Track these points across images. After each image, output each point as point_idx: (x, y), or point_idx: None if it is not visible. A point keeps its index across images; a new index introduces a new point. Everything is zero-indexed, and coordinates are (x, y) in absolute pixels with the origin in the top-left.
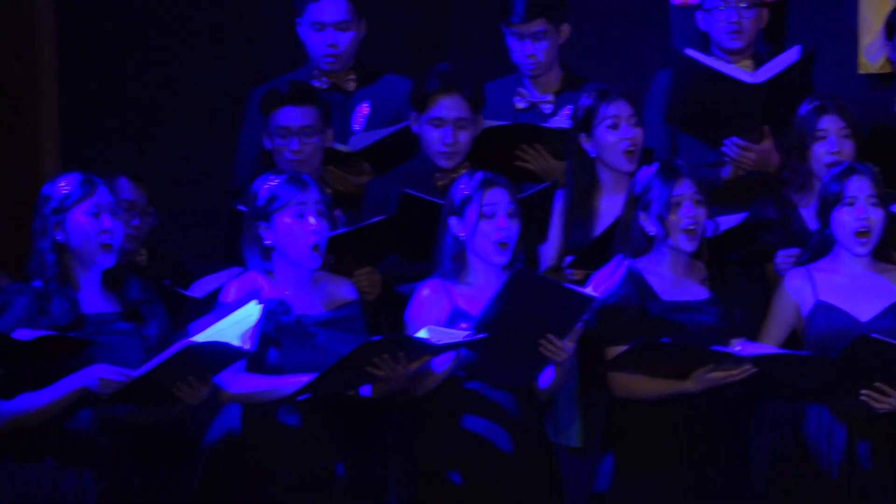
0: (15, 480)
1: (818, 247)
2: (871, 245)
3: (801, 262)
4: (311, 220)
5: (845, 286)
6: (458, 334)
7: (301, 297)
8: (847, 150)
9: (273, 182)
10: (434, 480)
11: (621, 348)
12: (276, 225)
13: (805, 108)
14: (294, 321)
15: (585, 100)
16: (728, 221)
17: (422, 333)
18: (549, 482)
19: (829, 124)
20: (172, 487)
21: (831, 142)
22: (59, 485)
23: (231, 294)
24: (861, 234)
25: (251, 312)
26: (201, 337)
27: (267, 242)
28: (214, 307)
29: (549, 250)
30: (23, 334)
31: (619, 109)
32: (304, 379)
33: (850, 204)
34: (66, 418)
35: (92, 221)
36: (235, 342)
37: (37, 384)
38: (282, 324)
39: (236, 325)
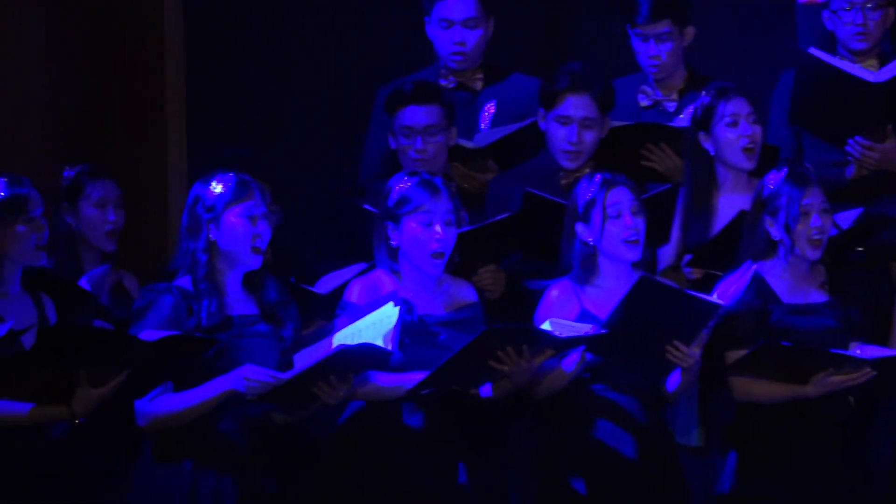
0: (155, 482)
1: None
2: None
3: None
4: (438, 228)
5: None
6: (581, 328)
7: (424, 298)
8: None
9: (406, 184)
10: (556, 485)
11: (742, 352)
12: (402, 228)
13: None
14: (416, 321)
15: (704, 98)
16: (845, 219)
17: (545, 326)
18: (674, 486)
19: None
20: (304, 489)
21: None
22: (199, 487)
23: (354, 293)
24: None
25: (389, 314)
26: (338, 337)
27: (393, 243)
28: (341, 306)
29: (668, 249)
30: (148, 335)
31: (737, 107)
32: (420, 375)
33: None
34: (208, 419)
35: (246, 224)
36: (379, 342)
37: (177, 384)
38: (405, 323)
39: (374, 327)
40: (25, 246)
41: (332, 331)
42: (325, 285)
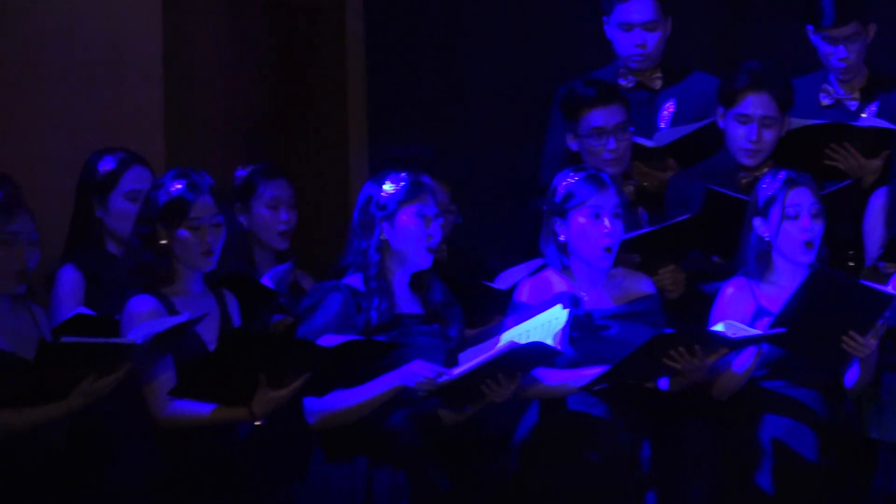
0: (329, 481)
1: None
2: None
3: None
4: (606, 222)
5: None
6: (755, 331)
7: (594, 293)
8: None
9: (572, 179)
10: (738, 484)
11: None
12: (570, 222)
13: None
14: (584, 315)
15: None
16: None
17: (718, 327)
18: (858, 482)
19: None
20: (478, 486)
21: None
22: (375, 484)
23: (524, 293)
24: None
25: (558, 315)
26: (506, 338)
27: (561, 238)
28: (511, 306)
29: (873, 248)
30: (328, 340)
31: None
32: (598, 370)
33: None
34: (380, 416)
35: (420, 224)
36: (549, 342)
37: (349, 383)
38: (574, 318)
39: (542, 328)
40: (189, 251)
41: (498, 331)
42: (504, 281)
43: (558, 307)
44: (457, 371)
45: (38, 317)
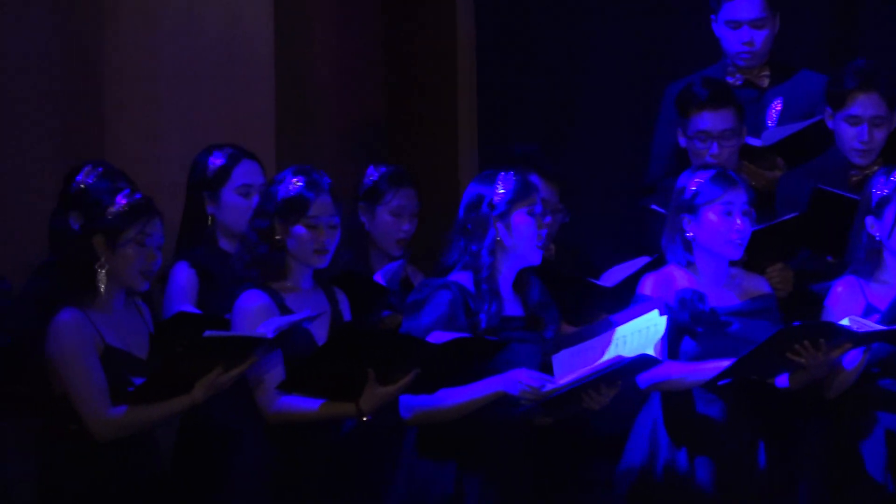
0: (419, 476)
1: None
2: None
3: None
4: (738, 220)
5: None
6: (879, 326)
7: (716, 290)
8: None
9: (702, 177)
10: (849, 482)
11: None
12: (701, 219)
13: None
14: (708, 311)
15: None
16: None
17: (843, 322)
18: None
19: None
20: (583, 486)
21: None
22: (464, 485)
23: (648, 286)
24: None
25: (656, 322)
26: (605, 339)
27: (689, 235)
28: (634, 299)
29: None
30: (437, 337)
31: None
32: (723, 364)
33: None
34: (473, 417)
35: (532, 223)
36: (648, 351)
37: (454, 381)
38: (697, 313)
39: (639, 335)
40: (303, 248)
41: (591, 333)
42: (609, 279)
43: (655, 313)
44: (562, 381)
45: (145, 315)
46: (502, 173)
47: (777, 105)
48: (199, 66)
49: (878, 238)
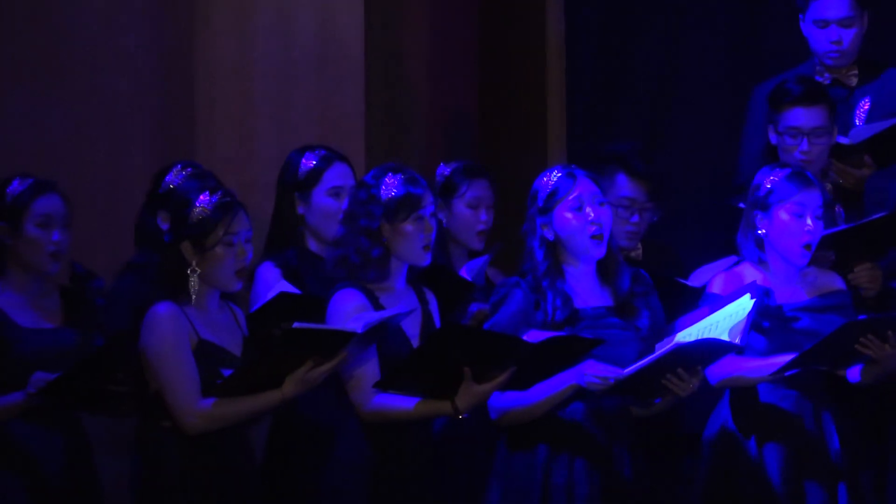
0: (511, 469)
1: None
2: None
3: None
4: (809, 221)
5: None
6: None
7: (787, 288)
8: None
9: (777, 176)
10: None
11: None
12: (773, 217)
13: None
14: (775, 306)
15: None
16: None
17: None
18: None
19: None
20: (670, 480)
21: None
22: (552, 473)
23: (718, 285)
24: None
25: (744, 306)
26: (695, 329)
27: (760, 232)
28: (704, 298)
29: None
30: (533, 336)
31: None
32: (787, 357)
33: None
34: (563, 407)
35: (577, 216)
36: (725, 336)
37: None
38: (763, 308)
39: (728, 318)
40: (413, 245)
41: (688, 322)
42: (698, 278)
43: (746, 297)
44: (628, 370)
45: (239, 317)
46: (547, 172)
47: (865, 104)
48: (291, 66)
49: None
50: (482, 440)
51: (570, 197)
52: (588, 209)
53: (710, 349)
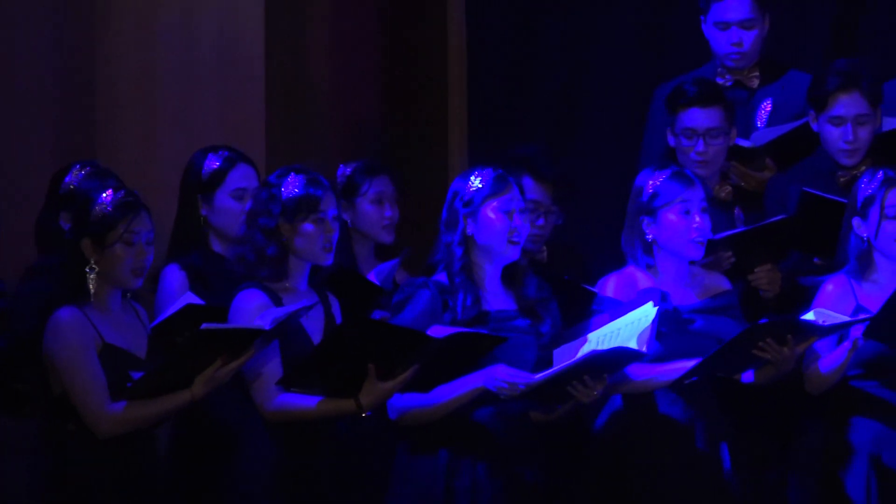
0: (411, 472)
1: None
2: None
3: None
4: (697, 217)
5: None
6: (845, 317)
7: (678, 290)
8: None
9: (658, 178)
10: (831, 482)
11: None
12: (660, 221)
13: None
14: (672, 310)
15: None
16: None
17: (808, 316)
18: None
19: None
20: (571, 482)
21: None
22: (455, 477)
23: (610, 287)
24: None
25: (647, 313)
26: (595, 336)
27: (649, 237)
28: (597, 301)
29: None
30: (437, 331)
31: None
32: (690, 363)
33: None
34: (465, 410)
35: (503, 219)
36: (632, 343)
37: (449, 380)
38: (662, 312)
39: (631, 325)
40: (313, 246)
41: (589, 327)
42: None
43: (649, 305)
44: (539, 377)
45: (142, 316)
46: (477, 170)
47: (766, 106)
48: (193, 68)
49: (865, 238)
50: (387, 439)
51: (499, 199)
52: (513, 214)
53: (621, 357)
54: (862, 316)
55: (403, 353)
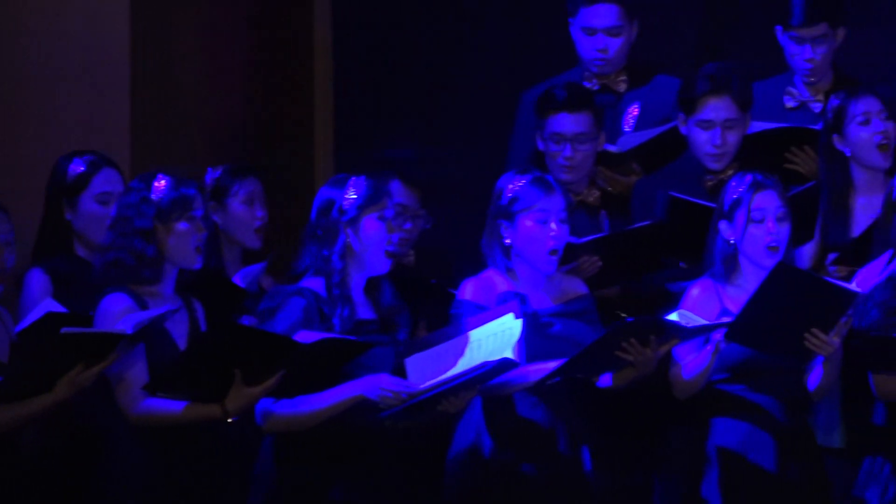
0: (278, 482)
1: None
2: None
3: None
4: (553, 226)
5: None
6: (705, 320)
7: (536, 294)
8: None
9: (519, 182)
10: (696, 486)
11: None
12: (517, 226)
13: None
14: (531, 314)
15: (834, 100)
16: None
17: (672, 317)
18: (816, 489)
19: None
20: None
21: None
22: (330, 492)
23: (468, 292)
24: None
25: (511, 326)
26: (459, 345)
27: (507, 241)
28: (455, 305)
29: (808, 250)
30: (304, 337)
31: (868, 105)
32: (551, 365)
33: None
34: (335, 423)
35: (382, 229)
36: (508, 354)
37: (315, 386)
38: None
39: (495, 338)
40: (185, 246)
41: (445, 336)
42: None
43: (510, 316)
44: (424, 386)
45: (5, 319)
46: (353, 178)
47: (633, 110)
48: (57, 70)
49: (731, 241)
50: (254, 444)
51: (377, 209)
52: (390, 223)
53: (501, 369)
54: (725, 319)
55: (270, 359)
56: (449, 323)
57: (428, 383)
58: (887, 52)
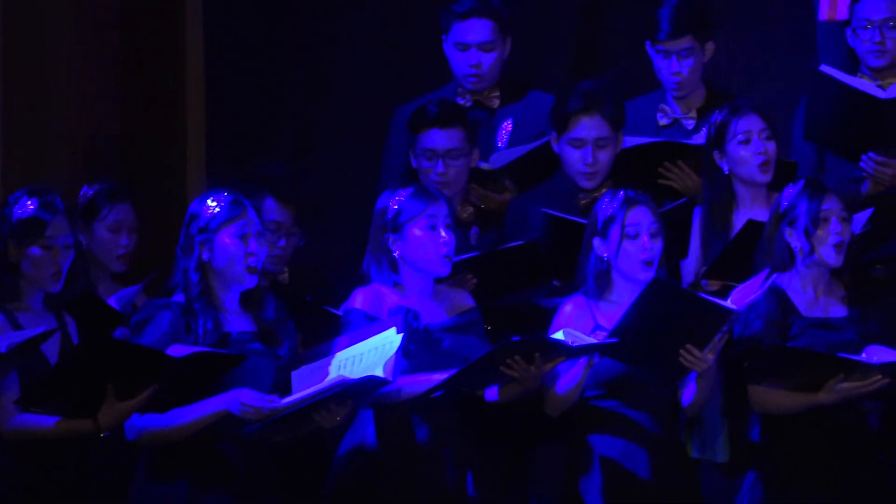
0: (151, 499)
1: None
2: None
3: None
4: (442, 232)
5: None
6: (592, 339)
7: (425, 307)
8: None
9: (402, 196)
10: (571, 502)
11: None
12: (406, 237)
13: None
14: (422, 329)
15: (717, 116)
16: (857, 221)
17: (558, 335)
18: (688, 501)
19: None
20: None
21: None
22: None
23: (358, 301)
24: None
25: (392, 340)
26: (342, 357)
27: (396, 254)
28: (345, 312)
29: (691, 266)
30: (176, 350)
31: (750, 124)
32: (437, 377)
33: None
34: (205, 436)
35: (238, 244)
36: (378, 371)
37: (188, 400)
38: (411, 331)
39: (375, 352)
40: (40, 271)
41: (332, 349)
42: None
43: (392, 331)
44: (285, 401)
45: None
46: (213, 194)
47: (507, 126)
48: None
49: (605, 258)
50: (127, 459)
51: (235, 224)
52: (249, 238)
53: (369, 385)
54: (607, 338)
55: (142, 373)
56: (341, 332)
57: (290, 398)
58: (760, 68)
